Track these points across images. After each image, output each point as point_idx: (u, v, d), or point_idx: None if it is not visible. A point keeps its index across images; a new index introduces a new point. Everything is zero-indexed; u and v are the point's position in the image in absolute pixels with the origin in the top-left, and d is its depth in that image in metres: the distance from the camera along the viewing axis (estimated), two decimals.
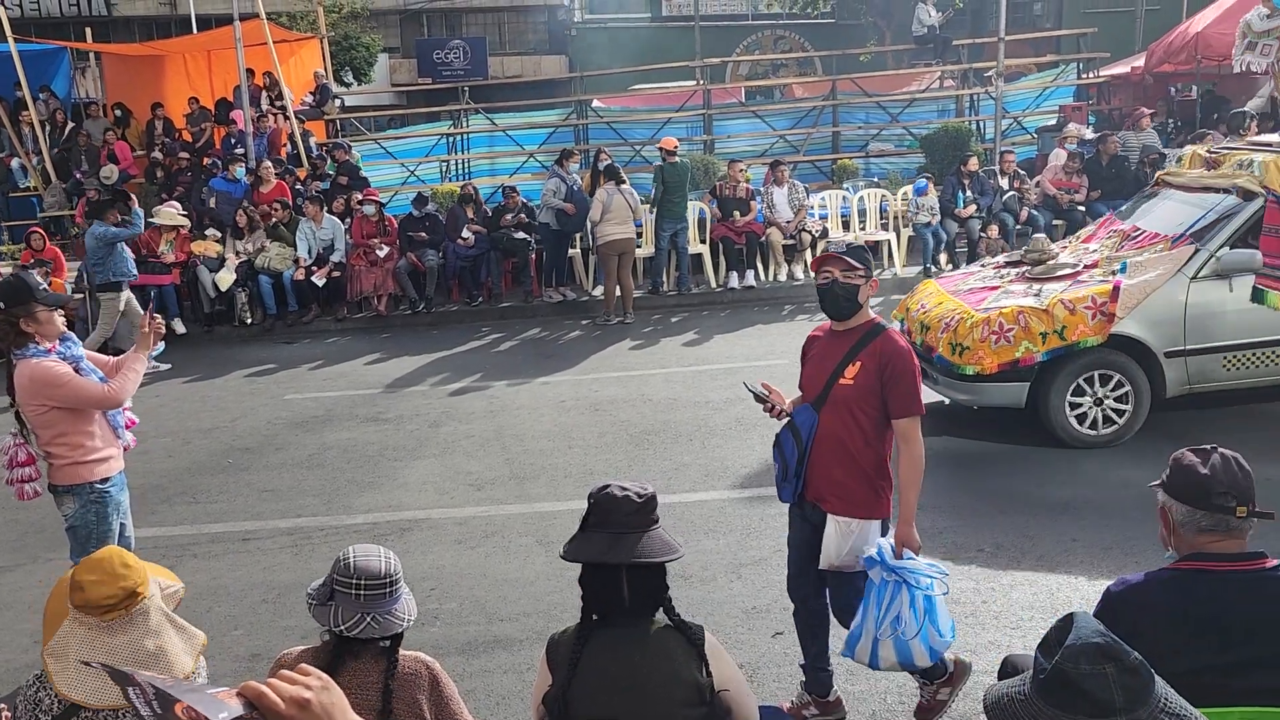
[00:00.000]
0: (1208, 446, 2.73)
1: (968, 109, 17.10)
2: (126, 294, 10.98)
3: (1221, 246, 6.93)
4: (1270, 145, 7.50)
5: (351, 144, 15.99)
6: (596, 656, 2.59)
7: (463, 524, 6.50)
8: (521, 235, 12.76)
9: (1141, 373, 6.89)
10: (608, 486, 2.68)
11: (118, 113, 16.83)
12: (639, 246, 12.65)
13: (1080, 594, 5.00)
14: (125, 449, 4.91)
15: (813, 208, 13.53)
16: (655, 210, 12.43)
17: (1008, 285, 7.44)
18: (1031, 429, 7.36)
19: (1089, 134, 14.38)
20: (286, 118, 15.68)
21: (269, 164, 13.81)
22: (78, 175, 15.31)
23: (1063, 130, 14.27)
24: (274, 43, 15.82)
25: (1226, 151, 7.72)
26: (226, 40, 15.42)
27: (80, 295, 11.56)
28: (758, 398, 4.16)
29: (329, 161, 14.82)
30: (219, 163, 14.37)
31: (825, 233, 13.12)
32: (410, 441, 8.10)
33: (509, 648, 4.90)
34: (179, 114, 17.05)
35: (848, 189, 14.33)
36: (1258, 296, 6.66)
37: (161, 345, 4.93)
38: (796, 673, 4.52)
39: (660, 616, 2.65)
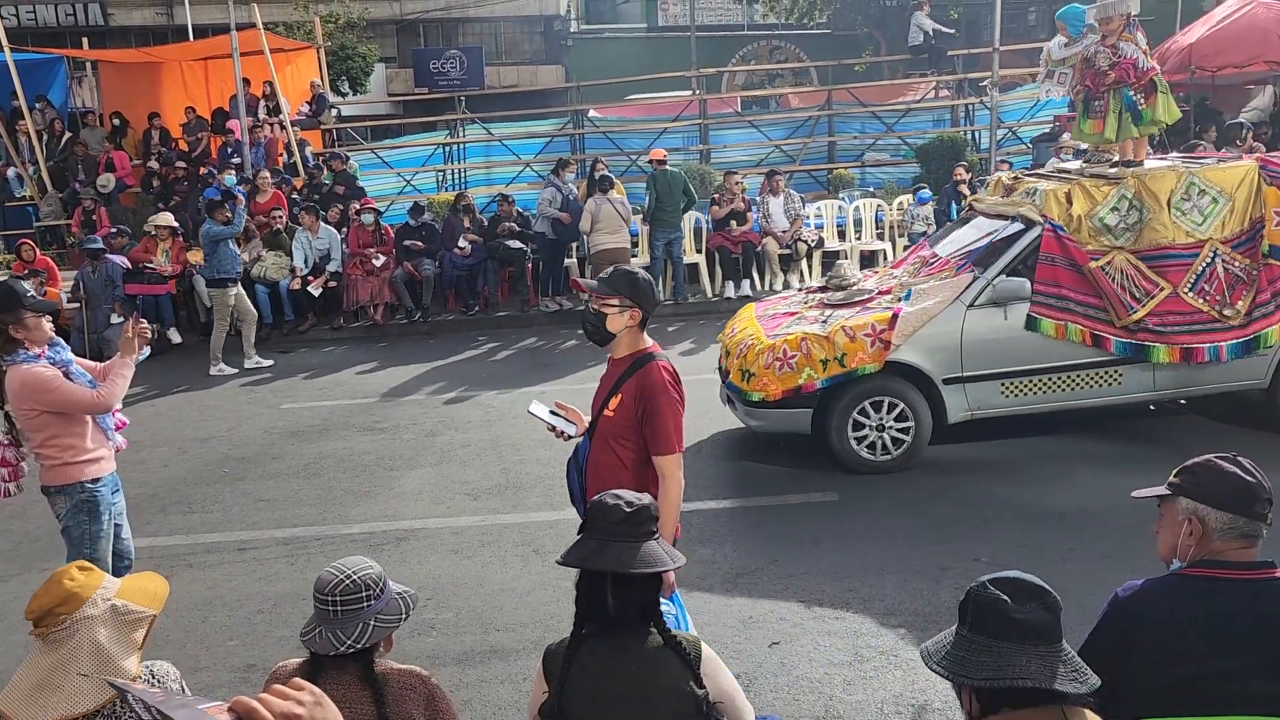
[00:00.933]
0: (1230, 454, 2.69)
1: (963, 119, 17.15)
2: (236, 289, 11.31)
3: (999, 274, 6.98)
4: (1063, 174, 7.59)
5: (349, 154, 16.00)
6: (590, 668, 2.58)
7: (459, 533, 6.48)
8: (518, 245, 12.77)
9: (922, 399, 6.92)
10: (604, 495, 2.68)
11: (115, 122, 16.83)
12: (634, 256, 12.66)
13: (1078, 604, 4.97)
14: (116, 450, 4.95)
15: (808, 217, 13.57)
16: (649, 220, 12.46)
17: (805, 311, 7.47)
18: (1029, 438, 7.37)
19: (1084, 144, 14.41)
20: (283, 127, 15.69)
21: (266, 174, 13.81)
22: (75, 185, 15.31)
23: (1057, 140, 14.31)
24: (270, 52, 15.84)
25: (1021, 179, 7.82)
26: (223, 49, 15.44)
27: (75, 305, 11.56)
28: (549, 425, 4.09)
29: (325, 171, 14.82)
30: (214, 172, 14.37)
31: (821, 242, 13.16)
32: (406, 451, 8.09)
33: (505, 658, 4.89)
34: (176, 124, 17.05)
35: (843, 199, 14.37)
36: (1032, 324, 6.79)
37: (147, 350, 4.97)
38: (794, 682, 4.52)
39: (653, 629, 2.64)
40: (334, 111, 17.64)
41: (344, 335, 12.67)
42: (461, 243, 12.83)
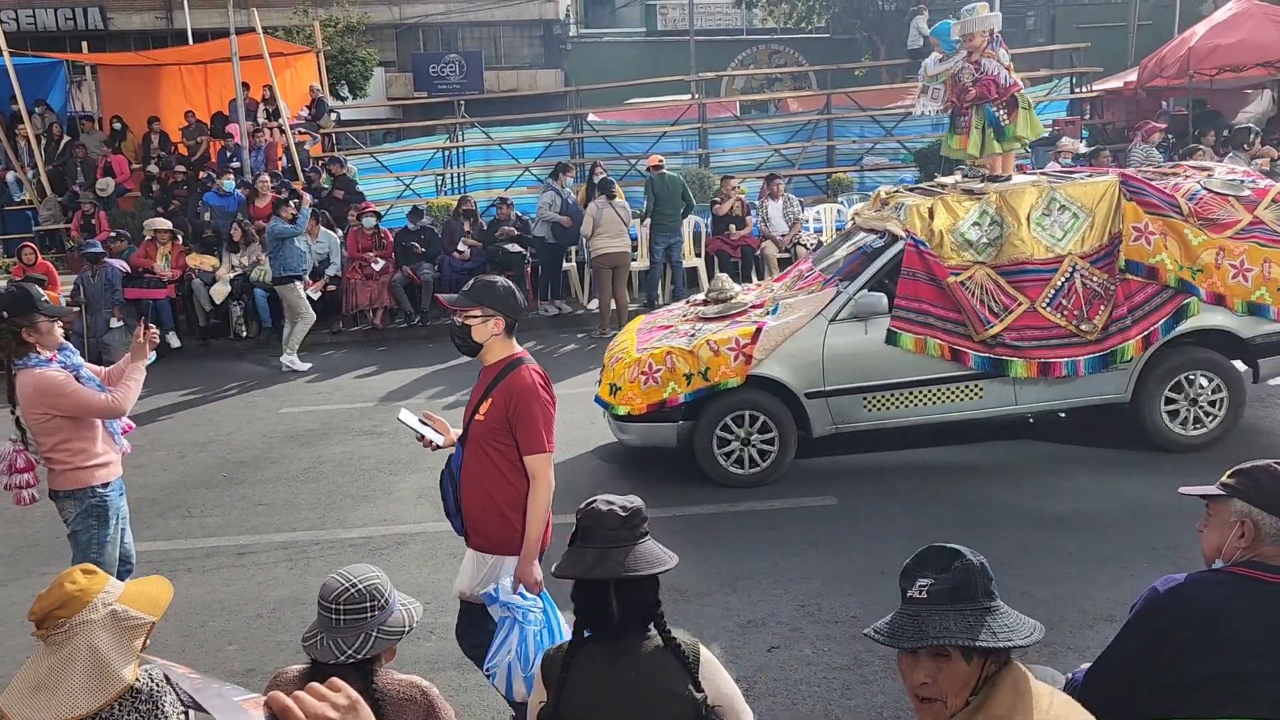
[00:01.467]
0: (1277, 461, 2.70)
1: None
2: (298, 285, 11.46)
3: (860, 289, 6.99)
4: (935, 189, 7.59)
5: (347, 158, 16.01)
6: (589, 673, 2.58)
7: (458, 538, 6.46)
8: (516, 249, 12.77)
9: (787, 413, 6.92)
10: (593, 501, 2.68)
11: (115, 126, 16.84)
12: (634, 260, 12.67)
13: (1076, 607, 5.00)
14: (123, 454, 4.95)
15: (807, 221, 13.58)
16: (648, 224, 12.46)
17: (679, 325, 7.46)
18: (1027, 441, 7.38)
19: (1083, 148, 14.44)
20: (283, 131, 15.70)
21: (265, 178, 13.82)
22: (74, 189, 15.32)
23: (1056, 144, 14.33)
24: (270, 56, 15.85)
25: (898, 193, 7.82)
26: (223, 53, 15.45)
27: (76, 309, 11.56)
28: (418, 435, 4.18)
29: (324, 175, 14.84)
30: (213, 176, 14.38)
31: (819, 246, 13.16)
32: (405, 455, 8.09)
33: None
34: (175, 128, 17.06)
35: (842, 203, 14.38)
36: (892, 339, 6.80)
37: (153, 355, 4.98)
38: (793, 686, 4.52)
39: (653, 633, 2.64)
40: (333, 116, 17.66)
41: (343, 339, 12.68)
42: (461, 246, 12.84)
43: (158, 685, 2.59)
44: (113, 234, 13.12)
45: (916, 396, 6.96)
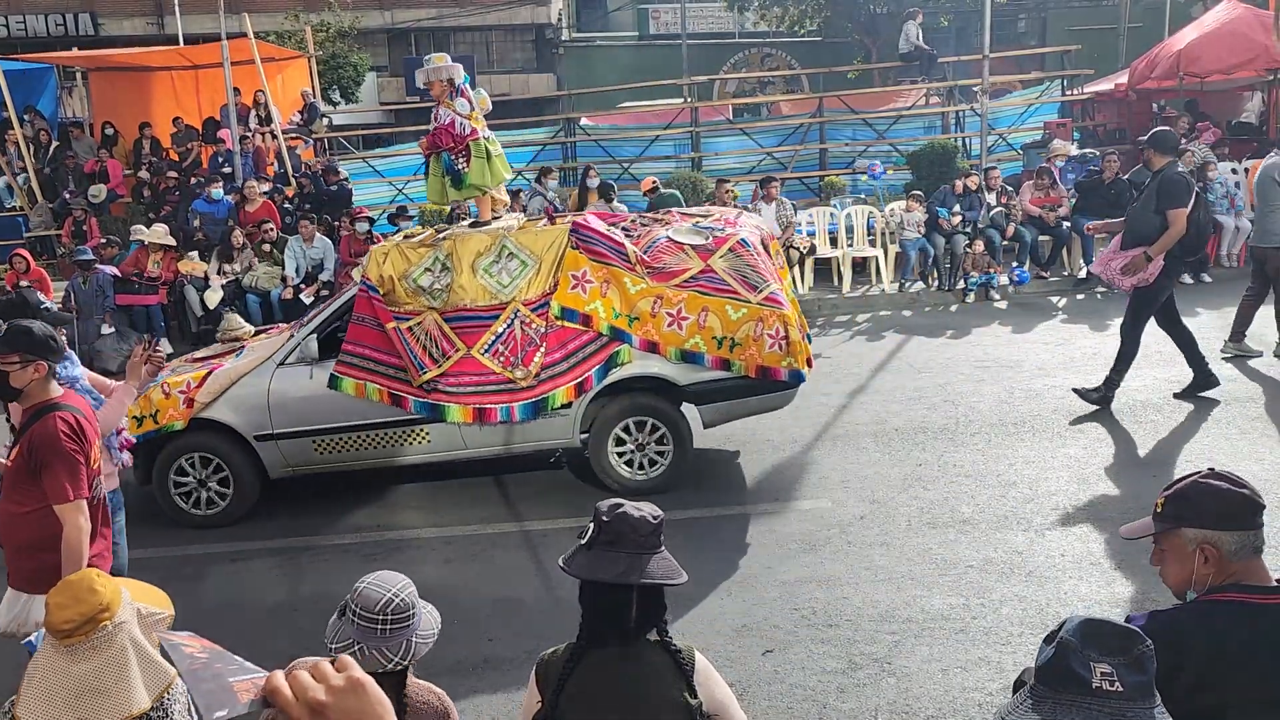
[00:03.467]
0: (1205, 469, 2.59)
1: (953, 126, 17.21)
2: None
3: (309, 334, 7.06)
4: (411, 238, 7.56)
5: (339, 162, 15.99)
6: (587, 677, 2.57)
7: (451, 543, 6.47)
8: None
9: (242, 455, 6.95)
10: (621, 505, 2.64)
11: (106, 132, 16.81)
12: None
13: (1069, 609, 5.00)
14: (120, 468, 4.91)
15: (800, 224, 13.58)
16: None
17: (180, 364, 7.50)
18: (1025, 444, 7.38)
19: (1074, 150, 14.48)
20: (274, 137, 15.67)
21: (253, 183, 13.77)
22: (65, 195, 15.27)
23: (1048, 147, 14.36)
24: (261, 61, 15.83)
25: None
26: (214, 58, 15.43)
27: (69, 315, 11.52)
28: None
29: (317, 179, 14.81)
30: (203, 183, 14.34)
31: (813, 249, 13.17)
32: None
33: (499, 668, 4.88)
34: (166, 133, 17.03)
35: (835, 206, 14.39)
36: (334, 383, 6.85)
37: (161, 376, 4.93)
38: (788, 690, 4.52)
39: (651, 637, 2.63)
40: (325, 120, 17.64)
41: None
42: None
43: (168, 693, 2.59)
44: (103, 240, 13.07)
45: (364, 440, 6.97)
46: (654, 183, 12.65)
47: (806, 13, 27.66)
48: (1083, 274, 12.42)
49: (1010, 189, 13.47)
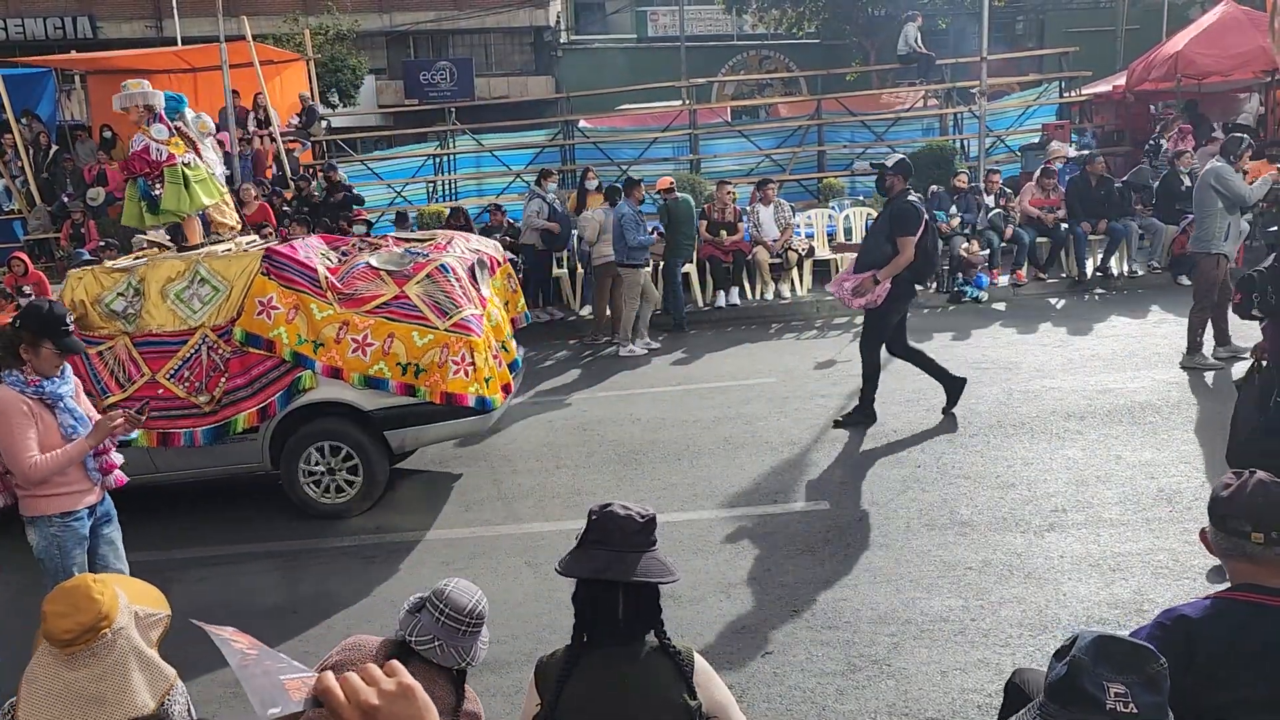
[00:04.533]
0: (1247, 471, 2.67)
1: (951, 127, 17.23)
2: (646, 270, 11.49)
3: None
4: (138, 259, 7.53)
5: (338, 164, 15.99)
6: (585, 679, 2.57)
7: (450, 545, 6.47)
8: (510, 256, 12.74)
9: None
10: (610, 505, 2.66)
11: (105, 134, 16.81)
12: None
13: (1068, 610, 5.01)
14: (117, 483, 4.81)
15: (799, 226, 13.58)
16: (665, 247, 12.20)
17: None
18: (1022, 446, 7.39)
19: (1072, 152, 14.49)
20: (273, 139, 15.67)
21: (248, 186, 13.76)
22: (64, 198, 15.27)
23: (1046, 149, 14.38)
24: (260, 64, 15.84)
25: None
26: (213, 60, 15.43)
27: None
28: None
29: (315, 182, 14.80)
30: None
31: (811, 251, 13.19)
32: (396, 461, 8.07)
33: (497, 670, 4.87)
34: None
35: (833, 207, 14.41)
36: None
37: (135, 434, 4.88)
38: (787, 692, 4.52)
39: (650, 639, 2.64)
40: (324, 123, 17.64)
41: None
42: None
43: (169, 695, 2.59)
44: (102, 242, 13.05)
45: None
46: (670, 183, 12.62)
47: (805, 15, 27.72)
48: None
49: (1009, 191, 13.49)
